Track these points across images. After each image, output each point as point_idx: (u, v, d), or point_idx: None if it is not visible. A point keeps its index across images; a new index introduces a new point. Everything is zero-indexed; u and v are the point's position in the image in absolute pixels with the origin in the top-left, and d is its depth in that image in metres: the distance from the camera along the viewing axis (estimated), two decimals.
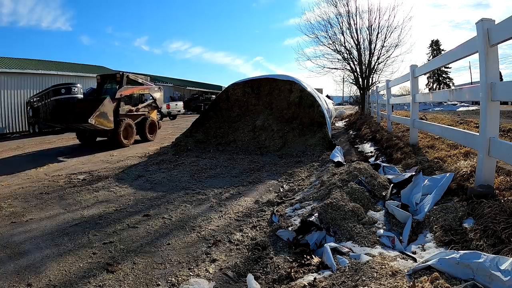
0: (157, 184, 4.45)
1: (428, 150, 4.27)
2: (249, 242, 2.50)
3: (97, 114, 7.55)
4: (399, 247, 2.09)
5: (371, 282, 1.55)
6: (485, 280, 1.36)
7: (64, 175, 5.25)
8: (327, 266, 1.89)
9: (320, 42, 14.99)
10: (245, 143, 7.19)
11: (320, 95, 10.08)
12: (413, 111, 4.94)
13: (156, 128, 10.19)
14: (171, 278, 2.04)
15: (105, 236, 2.74)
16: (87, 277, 2.09)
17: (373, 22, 13.89)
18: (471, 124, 6.68)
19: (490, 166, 2.35)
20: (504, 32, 2.15)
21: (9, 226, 3.04)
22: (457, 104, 18.68)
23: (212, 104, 8.55)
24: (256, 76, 8.28)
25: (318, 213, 2.49)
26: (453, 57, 3.32)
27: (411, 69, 4.99)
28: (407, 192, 2.71)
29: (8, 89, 15.04)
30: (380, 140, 6.29)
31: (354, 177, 3.20)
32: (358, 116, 13.92)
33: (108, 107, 7.95)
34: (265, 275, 1.96)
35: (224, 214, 3.20)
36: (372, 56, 14.14)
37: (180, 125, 15.31)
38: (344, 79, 19.93)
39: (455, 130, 3.36)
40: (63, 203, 3.71)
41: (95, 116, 7.45)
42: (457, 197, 2.41)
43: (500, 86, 2.23)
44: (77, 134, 9.36)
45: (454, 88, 4.81)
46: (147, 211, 3.34)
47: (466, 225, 1.98)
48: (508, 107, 16.92)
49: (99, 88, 9.28)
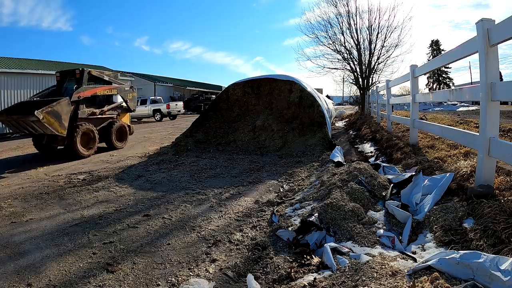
0: (157, 184, 4.45)
1: (428, 150, 4.27)
2: (249, 242, 2.50)
3: (48, 111, 6.20)
4: (399, 247, 2.09)
5: (371, 282, 1.55)
6: (485, 280, 1.36)
7: (64, 175, 5.25)
8: (327, 266, 1.89)
9: (320, 42, 15.03)
10: (245, 143, 7.19)
11: (320, 95, 10.08)
12: (413, 111, 4.94)
13: (127, 134, 8.62)
14: (171, 278, 2.04)
15: (105, 236, 2.74)
16: (87, 277, 2.09)
17: (373, 22, 13.92)
18: (471, 124, 6.68)
19: (490, 166, 2.35)
20: (504, 32, 2.15)
21: (9, 226, 3.04)
22: (457, 104, 18.69)
23: (212, 104, 8.55)
24: (256, 76, 8.29)
25: (318, 213, 2.49)
26: (453, 57, 3.32)
27: (411, 69, 4.99)
28: (407, 192, 2.71)
29: (8, 89, 15.04)
30: (380, 140, 6.29)
31: (354, 177, 3.20)
32: (358, 116, 13.92)
33: (64, 109, 6.59)
34: (265, 275, 1.96)
35: (224, 214, 3.20)
36: (372, 56, 14.16)
37: (180, 125, 15.32)
38: (344, 79, 19.98)
39: (455, 130, 3.36)
40: (63, 203, 3.71)
41: (45, 111, 6.11)
42: (457, 197, 2.41)
43: (500, 86, 2.23)
44: (34, 141, 7.59)
45: (454, 88, 4.81)
46: (147, 211, 3.34)
47: (466, 225, 1.98)
48: (508, 107, 16.92)
49: (59, 86, 7.90)
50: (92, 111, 7.59)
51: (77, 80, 7.45)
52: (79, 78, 7.41)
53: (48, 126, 6.21)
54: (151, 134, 11.92)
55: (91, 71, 7.71)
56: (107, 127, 8.03)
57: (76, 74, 7.49)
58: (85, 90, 7.31)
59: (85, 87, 7.34)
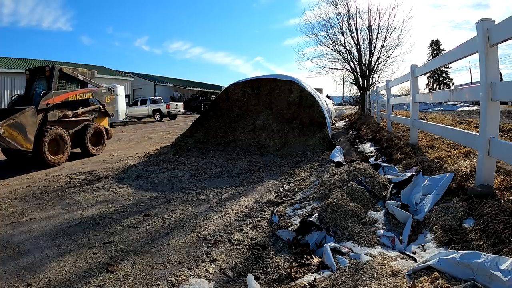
0: (157, 184, 4.45)
1: (428, 150, 4.27)
2: (249, 242, 2.50)
3: (10, 123, 5.33)
4: (399, 247, 2.09)
5: (371, 282, 1.55)
6: (485, 280, 1.36)
7: (64, 175, 5.26)
8: (327, 266, 1.89)
9: (320, 42, 15.01)
10: (245, 143, 7.19)
11: (320, 95, 10.08)
12: (413, 111, 4.94)
13: (104, 138, 7.73)
14: (171, 278, 2.04)
15: (105, 236, 2.74)
16: (87, 277, 2.09)
17: (373, 22, 13.91)
18: (471, 124, 6.68)
19: (490, 166, 2.35)
20: (504, 32, 2.15)
21: (9, 226, 3.04)
22: (457, 104, 18.68)
23: (212, 104, 8.55)
24: (256, 76, 8.29)
25: (318, 213, 2.49)
26: (453, 57, 3.32)
27: (411, 69, 4.99)
28: (407, 192, 2.71)
29: (8, 89, 15.05)
30: (380, 140, 6.29)
31: (354, 177, 3.20)
32: (358, 116, 13.92)
33: (29, 120, 5.71)
34: (265, 275, 1.96)
35: (224, 214, 3.20)
36: (372, 56, 14.16)
37: (180, 125, 15.32)
38: (344, 79, 19.96)
39: (455, 130, 3.36)
40: (63, 203, 3.71)
41: (6, 124, 5.26)
42: (457, 197, 2.41)
43: (500, 86, 2.23)
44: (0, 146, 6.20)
45: (454, 88, 4.81)
46: (147, 211, 3.34)
47: (466, 225, 1.98)
48: (508, 107, 16.92)
49: (28, 87, 7.03)
50: (64, 113, 6.62)
51: (47, 79, 6.55)
52: (49, 77, 6.48)
53: (10, 141, 5.35)
54: (151, 134, 11.92)
55: (62, 68, 6.74)
56: (82, 131, 7.14)
57: (46, 71, 6.50)
58: (54, 96, 6.31)
59: (55, 93, 6.34)
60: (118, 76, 27.75)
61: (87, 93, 7.35)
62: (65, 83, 6.89)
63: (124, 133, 13.17)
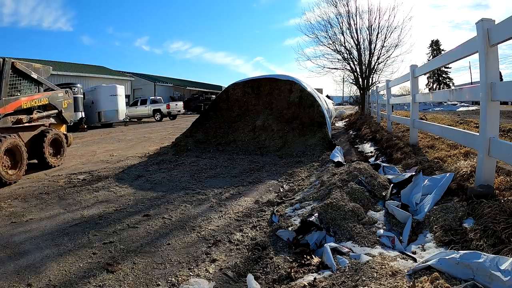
0: (157, 184, 4.45)
1: (428, 150, 4.27)
2: (249, 242, 2.50)
3: None
4: (399, 247, 2.09)
5: (371, 282, 1.55)
6: (485, 280, 1.36)
7: (64, 175, 5.26)
8: (327, 266, 1.89)
9: (320, 42, 15.03)
10: (245, 143, 7.19)
11: (320, 95, 10.08)
12: (413, 111, 4.94)
13: (64, 146, 6.54)
14: (171, 278, 2.04)
15: (105, 236, 2.74)
16: (87, 277, 2.09)
17: (373, 22, 13.92)
18: (471, 124, 6.68)
19: (490, 166, 2.36)
20: (504, 32, 2.15)
21: (9, 226, 3.04)
22: (457, 104, 18.68)
23: (212, 104, 8.55)
24: (256, 76, 8.29)
25: (318, 213, 2.49)
26: (453, 57, 3.32)
27: (411, 69, 4.99)
28: (407, 192, 2.71)
29: None
30: (380, 140, 6.29)
31: (354, 177, 3.20)
32: (358, 116, 13.92)
33: None
34: (265, 275, 1.96)
35: (224, 214, 3.20)
36: (372, 56, 14.17)
37: (180, 125, 15.32)
38: (344, 79, 19.98)
39: (455, 130, 3.36)
40: (63, 203, 3.71)
41: None
42: (457, 197, 2.41)
43: (500, 86, 2.23)
44: None
45: (454, 88, 4.81)
46: (147, 211, 3.34)
47: (466, 225, 1.98)
48: (508, 107, 16.93)
49: None
50: (17, 118, 5.49)
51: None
52: None
53: None
54: (151, 134, 11.92)
55: (14, 63, 5.53)
56: (38, 139, 5.90)
57: None
58: (6, 104, 5.24)
59: (6, 100, 5.25)
60: (118, 76, 27.76)
61: (41, 97, 6.16)
62: (18, 78, 5.71)
63: (124, 133, 13.17)
